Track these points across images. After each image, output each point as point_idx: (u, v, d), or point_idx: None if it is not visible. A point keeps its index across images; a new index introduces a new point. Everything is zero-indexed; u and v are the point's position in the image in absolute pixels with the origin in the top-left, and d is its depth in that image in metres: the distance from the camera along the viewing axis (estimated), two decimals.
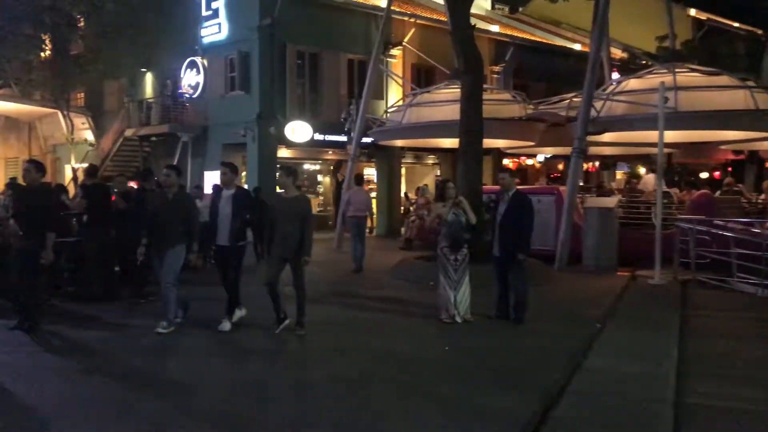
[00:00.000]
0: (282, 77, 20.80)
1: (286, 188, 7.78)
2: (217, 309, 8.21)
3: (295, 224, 7.52)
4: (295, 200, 7.68)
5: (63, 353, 7.05)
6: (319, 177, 25.38)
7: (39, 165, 7.90)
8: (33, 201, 7.65)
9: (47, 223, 7.59)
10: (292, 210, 7.56)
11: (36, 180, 7.70)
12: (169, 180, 7.76)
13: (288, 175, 7.73)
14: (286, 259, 7.68)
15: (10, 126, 31.76)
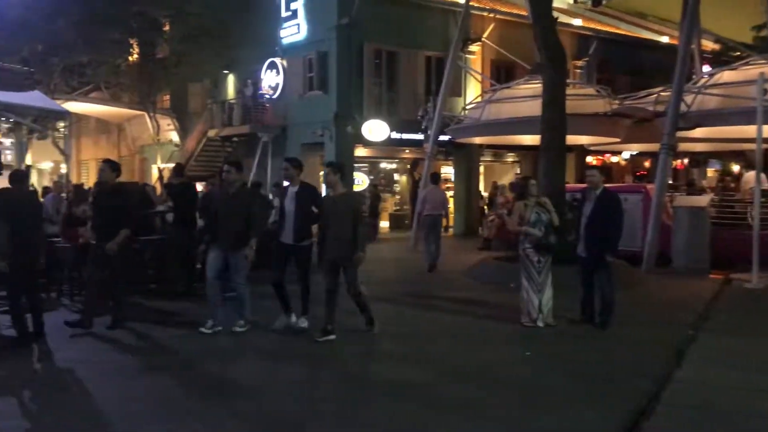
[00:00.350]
0: (359, 76, 20.83)
1: (333, 186, 7.38)
2: (275, 308, 7.93)
3: (346, 223, 7.10)
4: (343, 198, 7.29)
5: (137, 351, 7.09)
6: (396, 176, 25.34)
7: (114, 164, 7.92)
8: (109, 200, 7.68)
9: (123, 222, 7.60)
10: (341, 209, 7.15)
11: (111, 179, 7.74)
12: (230, 176, 7.58)
13: (335, 171, 7.33)
14: (339, 263, 7.23)
15: (101, 128, 33.24)
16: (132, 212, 7.92)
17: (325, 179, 7.45)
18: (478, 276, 12.22)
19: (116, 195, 7.76)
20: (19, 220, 6.82)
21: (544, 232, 7.94)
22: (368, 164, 23.83)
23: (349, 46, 20.58)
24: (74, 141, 34.17)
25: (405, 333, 7.88)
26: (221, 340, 7.41)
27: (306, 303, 7.75)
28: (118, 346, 7.19)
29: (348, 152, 20.73)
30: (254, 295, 7.97)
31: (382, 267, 13.94)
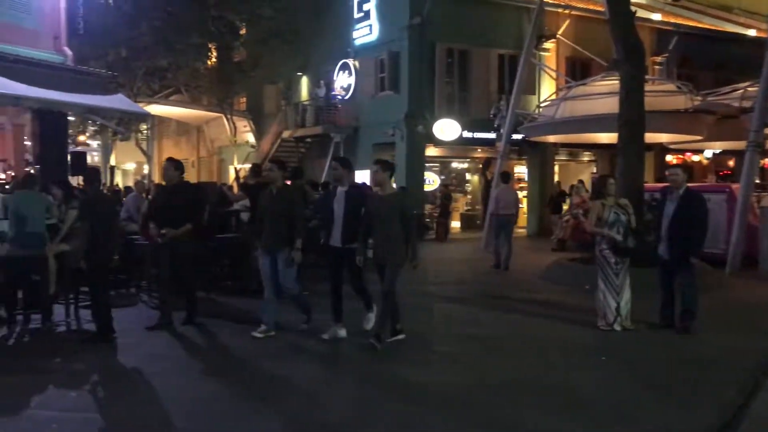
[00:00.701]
0: (431, 76, 20.75)
1: (382, 185, 6.98)
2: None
3: (394, 224, 6.74)
4: (392, 198, 6.90)
5: (208, 348, 7.18)
6: (467, 175, 25.11)
7: (177, 163, 7.82)
8: (171, 199, 7.61)
9: (188, 218, 7.52)
10: (389, 208, 6.75)
11: (174, 177, 7.64)
12: (272, 175, 7.30)
13: (384, 169, 6.91)
14: (385, 263, 6.85)
15: (181, 129, 34.36)
16: (195, 209, 7.76)
17: (373, 177, 7.08)
18: (552, 278, 11.96)
19: (178, 193, 7.67)
20: (95, 219, 6.90)
21: (623, 233, 7.66)
22: (439, 164, 23.71)
23: (420, 46, 20.53)
24: (156, 142, 35.45)
25: (478, 336, 7.73)
26: (289, 340, 7.43)
27: (368, 301, 7.60)
28: (190, 343, 7.26)
29: (419, 152, 20.68)
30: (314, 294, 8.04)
31: (454, 267, 13.85)
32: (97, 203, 7.09)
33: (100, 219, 6.90)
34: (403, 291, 10.21)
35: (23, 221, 6.81)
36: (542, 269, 12.79)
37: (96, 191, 7.25)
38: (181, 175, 7.82)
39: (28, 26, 15.18)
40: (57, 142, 16.35)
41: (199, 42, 23.12)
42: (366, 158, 21.98)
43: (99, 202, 7.19)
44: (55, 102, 13.78)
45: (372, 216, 6.85)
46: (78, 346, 6.90)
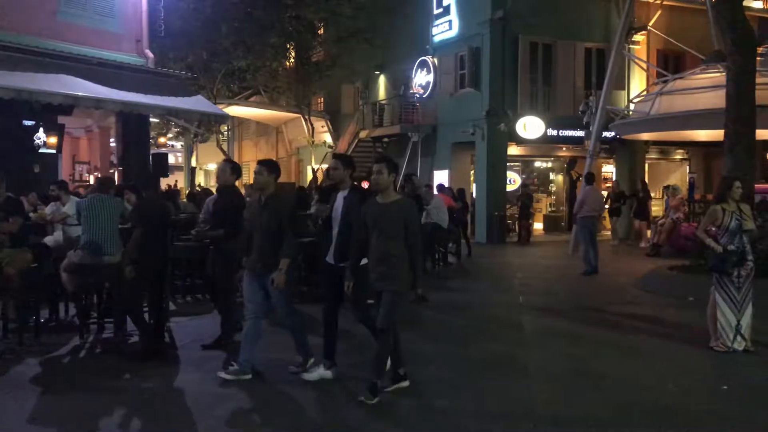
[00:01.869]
0: (513, 71, 19.91)
1: (384, 190, 5.40)
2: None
3: (397, 242, 5.28)
4: (396, 207, 5.33)
5: (272, 361, 6.38)
6: (551, 175, 24.11)
7: (234, 166, 7.22)
8: (225, 203, 7.01)
9: (223, 224, 6.94)
10: (392, 221, 5.29)
11: (229, 181, 7.01)
12: (260, 179, 5.85)
13: (390, 170, 5.38)
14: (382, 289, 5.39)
15: (260, 131, 34.72)
16: (228, 215, 6.84)
17: (375, 180, 5.39)
18: (650, 287, 11.01)
19: (221, 197, 7.13)
20: (147, 226, 6.55)
21: (744, 242, 6.77)
22: (521, 163, 22.83)
23: (502, 41, 19.73)
24: (236, 143, 36.07)
25: (578, 355, 6.95)
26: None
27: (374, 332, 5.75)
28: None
29: (500, 151, 19.88)
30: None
31: (540, 273, 13.08)
32: (149, 209, 6.78)
33: (152, 225, 6.55)
34: (486, 302, 9.73)
35: (95, 226, 6.56)
36: (637, 277, 11.88)
37: (149, 196, 7.01)
38: (237, 179, 7.19)
39: (111, 30, 15.40)
40: (139, 144, 16.63)
41: (278, 42, 23.08)
42: (445, 158, 21.44)
43: (151, 207, 6.88)
44: (135, 104, 13.92)
45: (369, 229, 5.41)
46: (146, 363, 6.35)
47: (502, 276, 12.78)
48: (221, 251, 6.87)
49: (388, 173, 5.35)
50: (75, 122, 19.85)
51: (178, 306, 8.96)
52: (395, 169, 5.53)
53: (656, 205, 23.48)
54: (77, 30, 14.39)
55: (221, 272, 6.91)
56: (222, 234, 6.77)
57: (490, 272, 13.28)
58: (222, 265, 6.86)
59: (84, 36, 14.43)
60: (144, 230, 6.46)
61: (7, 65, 12.02)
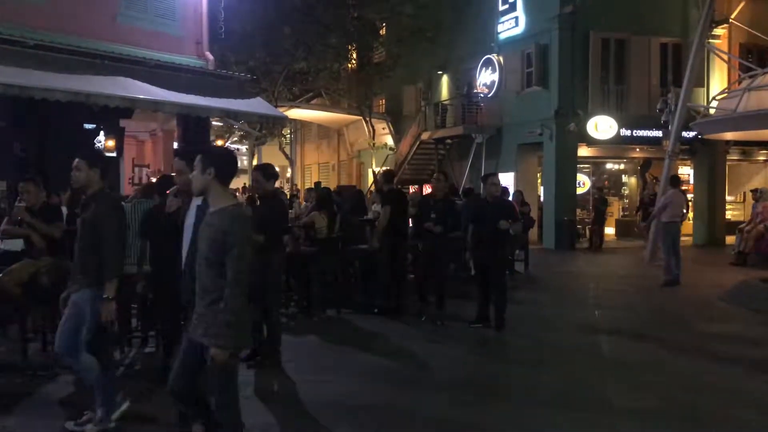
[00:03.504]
0: (583, 69, 18.95)
1: (204, 192, 3.64)
2: None
3: (213, 269, 3.50)
4: (216, 217, 3.54)
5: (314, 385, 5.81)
6: (624, 177, 22.94)
7: (267, 170, 6.37)
8: (263, 212, 6.28)
9: (280, 233, 6.39)
10: (206, 238, 3.56)
11: (268, 188, 6.34)
12: (79, 176, 4.61)
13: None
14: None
15: (322, 134, 34.56)
16: (269, 223, 6.12)
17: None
18: (740, 300, 9.97)
19: (261, 205, 6.45)
20: (159, 237, 5.43)
21: None
22: (591, 165, 21.76)
23: (572, 37, 18.82)
24: (299, 147, 36.03)
25: (670, 389, 5.99)
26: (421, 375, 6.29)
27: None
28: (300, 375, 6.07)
29: (570, 152, 18.94)
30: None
31: (616, 285, 12.15)
32: (162, 216, 5.60)
33: (165, 236, 5.27)
34: (558, 317, 8.87)
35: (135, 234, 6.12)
36: (723, 288, 10.82)
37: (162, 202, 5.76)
38: (274, 184, 6.58)
39: (171, 32, 15.31)
40: (199, 147, 16.50)
41: (338, 43, 22.73)
42: (510, 160, 20.61)
43: (163, 214, 5.74)
44: (193, 106, 13.69)
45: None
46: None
47: (575, 287, 11.91)
48: (261, 260, 6.09)
49: (203, 170, 3.55)
50: (139, 126, 20.09)
51: None
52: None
53: (737, 209, 22.04)
54: (137, 33, 14.32)
55: (264, 282, 6.12)
56: (262, 241, 6.04)
57: (560, 282, 12.42)
58: (264, 275, 6.11)
59: (144, 39, 14.35)
60: (155, 240, 5.61)
61: (66, 68, 11.93)
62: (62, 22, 12.99)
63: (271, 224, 6.07)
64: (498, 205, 7.97)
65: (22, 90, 10.89)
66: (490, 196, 7.99)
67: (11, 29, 11.87)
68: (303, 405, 5.26)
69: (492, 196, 7.97)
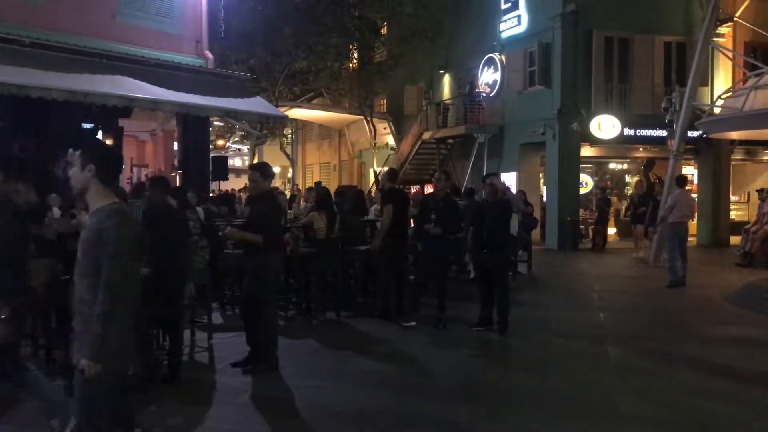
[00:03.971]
0: (586, 68, 18.78)
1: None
2: None
3: (89, 277, 3.09)
4: (94, 219, 3.17)
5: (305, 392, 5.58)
6: (627, 177, 22.74)
7: (265, 170, 6.09)
8: (260, 211, 6.02)
9: (277, 233, 6.20)
10: (84, 241, 3.16)
11: (265, 187, 6.10)
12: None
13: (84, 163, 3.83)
14: None
15: (323, 133, 34.40)
16: (265, 222, 5.95)
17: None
18: (745, 302, 9.80)
19: (256, 204, 6.19)
20: (155, 238, 5.26)
21: None
22: (593, 165, 21.57)
23: (575, 36, 18.66)
24: (300, 147, 35.86)
25: (681, 397, 5.75)
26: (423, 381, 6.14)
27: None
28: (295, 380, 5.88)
29: (573, 152, 18.78)
30: None
31: (619, 285, 11.99)
32: (159, 215, 5.55)
33: (161, 237, 5.31)
34: (562, 320, 8.67)
35: None
36: (729, 290, 10.66)
37: (157, 199, 5.54)
38: (270, 183, 6.29)
39: (170, 31, 15.17)
40: (199, 147, 16.34)
41: (339, 43, 22.56)
42: (513, 159, 20.45)
43: (161, 213, 5.61)
44: (193, 106, 13.55)
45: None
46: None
47: (579, 288, 11.73)
48: (258, 260, 5.95)
49: (82, 167, 3.17)
50: (140, 126, 19.87)
51: (225, 319, 8.36)
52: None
53: (741, 209, 21.84)
54: (136, 32, 14.16)
55: (260, 284, 5.94)
56: (260, 240, 5.86)
57: (564, 284, 12.23)
58: (261, 276, 5.94)
59: (143, 37, 14.20)
60: (152, 245, 5.27)
61: (63, 67, 11.80)
62: (60, 21, 12.83)
63: (267, 224, 5.92)
64: (497, 206, 7.78)
65: (19, 89, 10.76)
66: (490, 197, 7.81)
67: (7, 28, 11.75)
68: (300, 412, 5.09)
69: (491, 196, 7.80)
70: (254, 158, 27.55)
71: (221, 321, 8.17)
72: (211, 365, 6.24)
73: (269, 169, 6.17)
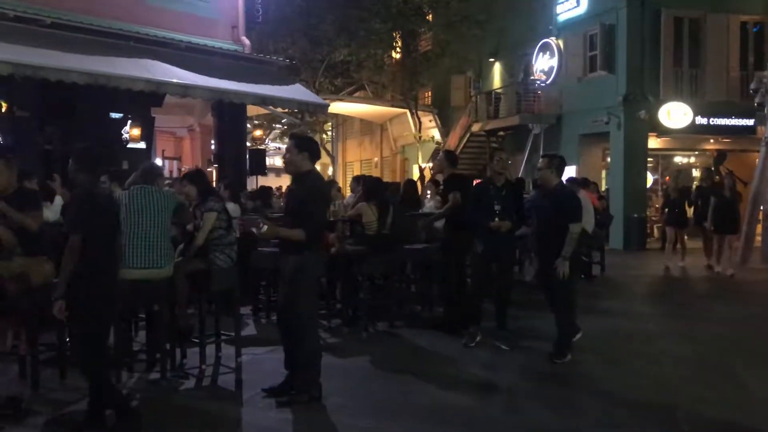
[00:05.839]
0: (654, 51, 17.22)
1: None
2: None
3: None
4: None
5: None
6: (694, 172, 21.00)
7: (302, 143, 4.81)
8: (296, 198, 4.85)
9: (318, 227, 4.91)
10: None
11: (304, 167, 4.76)
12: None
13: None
14: None
15: (364, 129, 33.36)
16: (299, 210, 4.72)
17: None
18: None
19: (295, 187, 4.94)
20: (87, 232, 4.08)
21: None
22: (656, 158, 19.86)
23: (641, 16, 17.15)
24: (340, 144, 34.92)
25: None
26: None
27: None
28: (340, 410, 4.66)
29: (640, 143, 17.25)
30: None
31: (710, 291, 10.43)
32: (93, 205, 4.17)
33: (96, 232, 4.11)
34: (658, 334, 7.07)
35: (136, 228, 4.78)
36: None
37: (90, 187, 4.25)
38: (313, 161, 4.91)
39: (205, 15, 14.44)
40: (235, 140, 15.50)
41: (383, 29, 21.38)
42: (572, 152, 18.94)
43: (94, 203, 4.20)
44: (226, 91, 12.55)
45: None
46: None
47: (662, 293, 10.27)
48: (296, 261, 4.64)
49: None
50: (177, 121, 19.41)
51: (259, 329, 7.12)
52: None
53: None
54: (168, 15, 13.38)
55: (301, 289, 4.64)
56: (302, 236, 4.57)
57: (643, 288, 10.69)
58: (299, 280, 4.62)
59: (175, 21, 13.40)
60: (86, 238, 4.05)
61: (86, 49, 10.84)
62: (87, 2, 11.94)
63: (308, 214, 4.63)
64: (557, 198, 5.99)
65: (34, 70, 9.76)
66: (546, 183, 6.06)
67: (29, 8, 10.83)
68: None
69: (547, 183, 6.04)
70: None
71: (254, 332, 6.95)
72: (238, 392, 4.89)
73: (310, 144, 4.82)
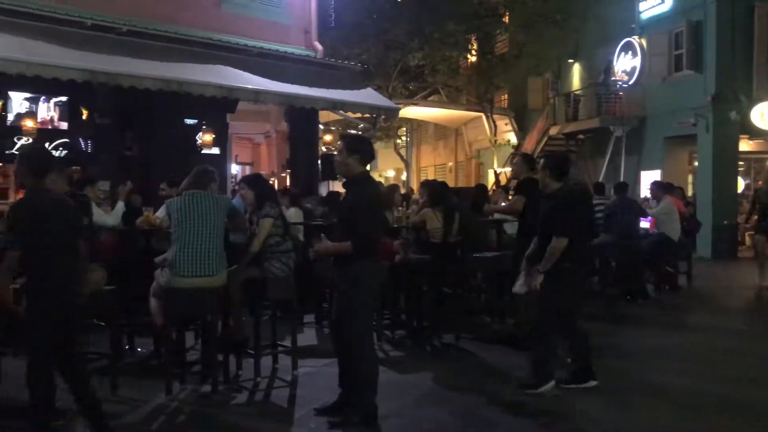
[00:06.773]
0: (746, 48, 16.16)
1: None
2: None
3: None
4: None
5: None
6: None
7: (352, 145, 4.46)
8: (353, 200, 4.46)
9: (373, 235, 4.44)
10: None
11: (354, 170, 4.38)
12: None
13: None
14: None
15: (438, 134, 33.04)
16: (348, 219, 4.43)
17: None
18: None
19: (348, 192, 4.56)
20: (36, 240, 3.73)
21: None
22: (750, 160, 18.62)
23: (732, 12, 16.14)
24: (414, 149, 34.69)
25: None
26: None
27: None
28: None
29: (731, 145, 16.21)
30: None
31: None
32: (31, 213, 3.73)
33: (43, 239, 3.72)
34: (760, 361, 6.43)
35: (189, 234, 4.62)
36: None
37: (37, 188, 3.83)
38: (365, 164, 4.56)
39: (278, 21, 14.52)
40: (308, 145, 15.51)
41: (457, 30, 21.00)
42: (656, 155, 18.15)
43: (32, 211, 3.77)
44: (296, 97, 12.54)
45: None
46: None
47: (757, 308, 9.45)
48: (349, 271, 4.31)
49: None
50: (254, 128, 19.93)
51: (320, 339, 6.90)
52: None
53: None
54: (241, 21, 13.52)
55: (354, 303, 4.31)
56: (349, 249, 4.27)
57: (739, 302, 9.89)
58: (354, 292, 4.30)
59: (248, 27, 13.51)
60: (29, 249, 3.68)
61: (160, 56, 11.01)
62: (162, 10, 12.17)
63: (357, 222, 4.29)
64: (547, 203, 5.29)
65: (108, 77, 9.98)
66: (544, 187, 5.38)
67: (106, 17, 11.09)
68: None
69: (545, 187, 5.36)
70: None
71: (315, 341, 6.74)
72: (290, 410, 4.64)
73: (361, 145, 4.48)
